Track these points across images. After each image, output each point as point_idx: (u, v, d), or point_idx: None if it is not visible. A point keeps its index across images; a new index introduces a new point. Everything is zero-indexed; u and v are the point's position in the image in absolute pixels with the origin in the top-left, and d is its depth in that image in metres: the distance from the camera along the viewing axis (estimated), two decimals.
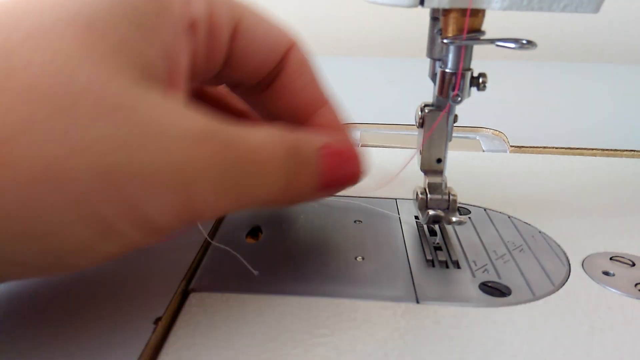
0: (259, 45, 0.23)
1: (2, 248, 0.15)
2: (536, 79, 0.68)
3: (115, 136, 0.15)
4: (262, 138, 0.19)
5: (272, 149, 0.19)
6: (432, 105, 0.26)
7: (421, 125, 0.27)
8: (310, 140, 0.22)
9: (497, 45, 0.22)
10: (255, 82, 0.24)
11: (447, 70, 0.23)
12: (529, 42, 0.21)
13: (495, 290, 0.22)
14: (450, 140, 0.27)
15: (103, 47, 0.16)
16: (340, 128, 0.24)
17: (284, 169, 0.20)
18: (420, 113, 0.26)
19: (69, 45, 0.15)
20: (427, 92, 0.26)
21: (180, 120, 0.17)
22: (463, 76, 0.23)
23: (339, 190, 0.24)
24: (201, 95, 0.27)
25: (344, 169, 0.23)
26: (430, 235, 0.27)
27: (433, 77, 0.25)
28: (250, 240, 0.27)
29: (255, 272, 0.23)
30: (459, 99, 0.23)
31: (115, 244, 0.16)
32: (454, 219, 0.25)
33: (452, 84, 0.23)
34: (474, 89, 0.24)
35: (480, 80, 0.23)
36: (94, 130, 0.15)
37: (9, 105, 0.14)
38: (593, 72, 0.72)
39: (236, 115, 0.27)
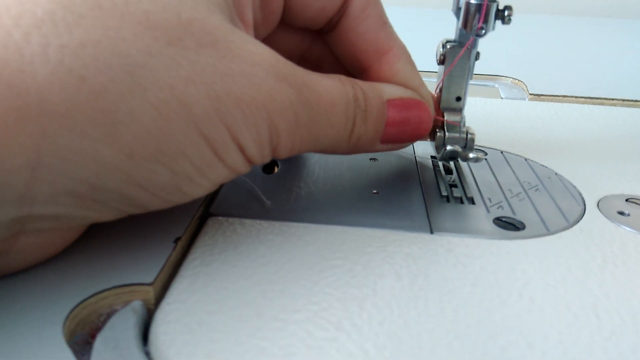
0: None
1: (141, 168, 0.16)
2: (557, 32, 0.67)
3: (217, 67, 0.16)
4: (331, 83, 0.20)
5: (339, 94, 0.20)
6: (454, 41, 0.26)
7: (442, 62, 0.26)
8: (379, 90, 0.22)
9: None
10: (318, 27, 0.24)
11: (472, 1, 0.23)
12: None
13: (509, 225, 0.23)
14: (471, 78, 0.26)
15: None
16: (407, 78, 0.24)
17: (350, 116, 0.21)
18: (441, 49, 0.26)
19: None
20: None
21: (266, 56, 0.18)
22: (488, 8, 0.22)
23: (404, 144, 0.24)
24: None
25: (410, 123, 0.23)
26: (446, 174, 0.27)
27: (456, 11, 0.25)
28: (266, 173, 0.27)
29: (268, 202, 0.23)
30: (484, 31, 0.23)
31: (222, 169, 0.18)
32: (471, 155, 0.25)
33: (477, 17, 0.23)
34: (498, 23, 0.23)
35: (506, 13, 0.23)
36: (200, 62, 0.16)
37: (134, 32, 0.15)
38: (614, 27, 0.70)
39: None
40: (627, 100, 0.40)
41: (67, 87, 0.14)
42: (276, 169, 0.27)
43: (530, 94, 0.41)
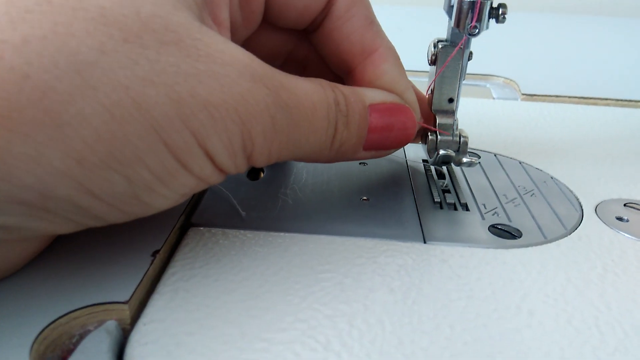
0: None
1: (92, 175, 0.15)
2: (550, 30, 0.66)
3: (180, 67, 0.15)
4: (310, 86, 0.19)
5: (320, 98, 0.19)
6: (446, 40, 0.25)
7: (433, 62, 0.25)
8: (360, 94, 0.21)
9: None
10: (302, 26, 0.23)
11: None
12: None
13: (505, 233, 0.22)
14: (464, 79, 0.25)
15: None
16: (393, 80, 0.23)
17: (331, 120, 0.20)
18: (433, 49, 0.25)
19: None
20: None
21: (239, 57, 0.17)
22: (482, 6, 0.22)
23: (388, 151, 0.23)
24: None
25: (393, 129, 0.22)
26: (438, 179, 0.26)
27: (448, 9, 0.24)
28: (251, 179, 0.26)
29: (243, 213, 0.22)
30: (477, 30, 0.22)
31: (188, 178, 0.16)
32: (464, 159, 0.24)
33: (470, 15, 0.22)
34: (492, 21, 0.22)
35: (500, 11, 0.22)
36: (161, 61, 0.15)
37: (85, 29, 0.14)
38: (608, 25, 0.70)
39: None
40: (621, 100, 0.39)
41: (7, 85, 0.13)
42: (262, 175, 0.26)
43: (523, 94, 0.40)
